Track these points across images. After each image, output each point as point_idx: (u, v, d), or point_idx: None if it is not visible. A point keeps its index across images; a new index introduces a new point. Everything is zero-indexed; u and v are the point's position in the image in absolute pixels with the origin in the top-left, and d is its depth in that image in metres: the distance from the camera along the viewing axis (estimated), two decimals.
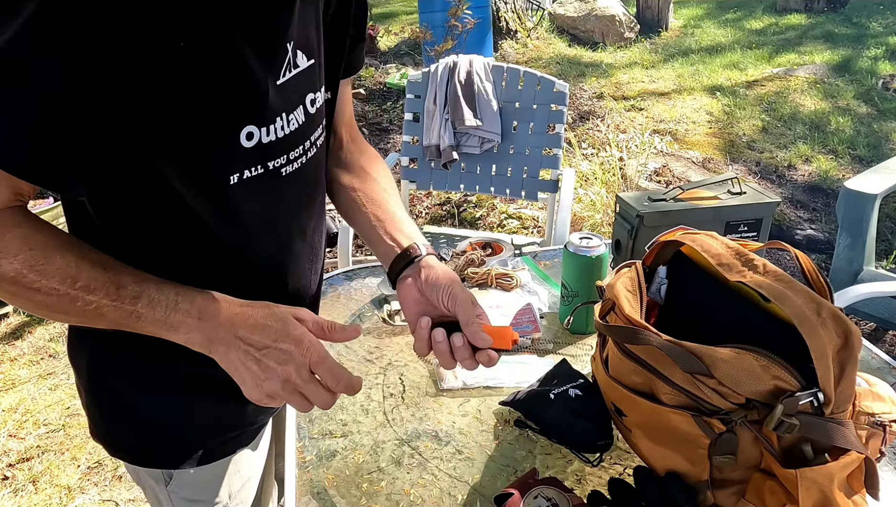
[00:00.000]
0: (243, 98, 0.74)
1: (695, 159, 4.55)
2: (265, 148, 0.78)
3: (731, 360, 0.74)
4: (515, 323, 1.25)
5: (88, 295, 0.69)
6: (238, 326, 0.73)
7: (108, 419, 0.95)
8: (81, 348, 0.93)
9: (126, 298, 0.70)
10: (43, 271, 0.68)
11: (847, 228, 2.45)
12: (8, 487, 2.22)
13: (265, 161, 0.79)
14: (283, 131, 0.80)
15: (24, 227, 0.69)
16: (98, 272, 0.70)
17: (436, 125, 2.71)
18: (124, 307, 0.71)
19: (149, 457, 0.97)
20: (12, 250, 0.67)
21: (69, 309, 0.70)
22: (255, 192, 0.80)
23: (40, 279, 0.68)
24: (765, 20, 8.12)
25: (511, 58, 6.57)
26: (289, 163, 0.83)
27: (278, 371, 0.72)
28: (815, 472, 0.72)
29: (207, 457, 0.97)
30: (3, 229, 0.67)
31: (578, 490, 0.90)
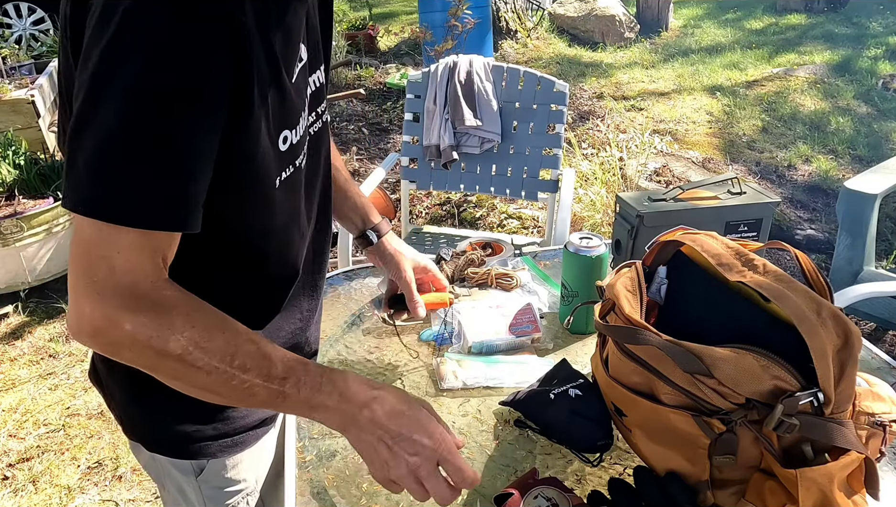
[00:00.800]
0: (282, 104, 0.75)
1: (695, 159, 4.55)
2: (294, 148, 0.81)
3: (731, 360, 0.74)
4: (516, 323, 1.25)
5: (244, 374, 0.70)
6: (375, 411, 0.75)
7: (145, 413, 0.95)
8: None
9: (275, 378, 0.72)
10: (206, 348, 0.68)
11: (847, 228, 2.45)
12: (8, 487, 2.22)
13: (293, 160, 0.82)
14: (302, 130, 0.83)
15: (185, 304, 0.69)
16: (252, 349, 0.71)
17: (436, 125, 2.71)
18: (272, 387, 0.72)
19: (189, 449, 0.96)
20: (178, 328, 0.67)
21: (223, 388, 0.71)
22: (290, 190, 0.84)
23: (203, 357, 0.68)
24: (765, 20, 8.12)
25: (511, 58, 6.57)
26: (303, 157, 0.87)
27: (408, 461, 0.74)
28: (815, 472, 0.72)
29: (243, 443, 0.98)
30: (167, 306, 0.68)
31: (578, 490, 0.90)
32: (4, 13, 6.28)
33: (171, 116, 0.63)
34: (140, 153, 0.63)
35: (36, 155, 3.61)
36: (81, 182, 0.64)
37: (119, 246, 0.65)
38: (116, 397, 0.97)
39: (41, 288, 3.21)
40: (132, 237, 0.65)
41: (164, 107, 0.62)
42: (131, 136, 0.62)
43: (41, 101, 3.98)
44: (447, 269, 1.42)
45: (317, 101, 0.90)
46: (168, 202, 0.65)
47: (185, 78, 0.62)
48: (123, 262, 0.65)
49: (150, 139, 0.63)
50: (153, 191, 0.64)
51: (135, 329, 0.67)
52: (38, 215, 3.05)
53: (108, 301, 0.66)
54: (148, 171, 0.63)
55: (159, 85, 0.62)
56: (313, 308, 1.04)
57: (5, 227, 2.98)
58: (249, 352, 0.71)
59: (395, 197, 3.79)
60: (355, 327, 1.32)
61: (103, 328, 0.67)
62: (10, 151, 3.41)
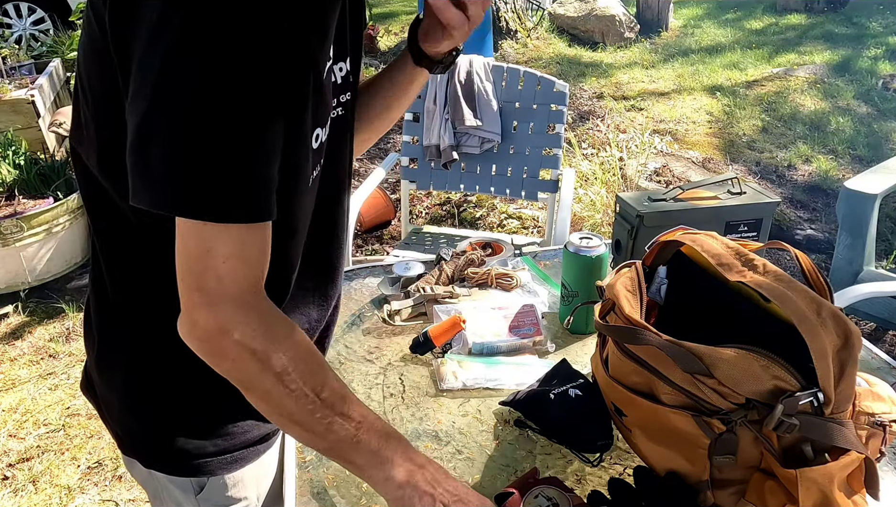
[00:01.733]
0: (320, 102, 0.75)
1: (695, 159, 4.55)
2: (322, 147, 0.80)
3: (731, 360, 0.74)
4: (517, 325, 1.25)
5: (326, 409, 0.71)
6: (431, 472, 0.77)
7: (144, 429, 0.93)
8: (114, 360, 0.91)
9: (353, 419, 0.72)
10: (302, 372, 0.69)
11: (847, 228, 2.45)
12: (8, 487, 2.22)
13: (320, 159, 0.81)
14: (329, 128, 0.82)
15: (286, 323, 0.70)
16: (337, 386, 0.71)
17: (436, 125, 2.71)
18: (349, 429, 0.72)
19: (189, 466, 0.93)
20: (281, 345, 0.68)
21: (306, 420, 0.71)
22: (317, 188, 0.83)
23: (297, 381, 0.69)
24: (765, 20, 8.12)
25: (511, 58, 6.57)
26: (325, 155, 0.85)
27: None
28: (815, 472, 0.72)
29: (244, 460, 0.96)
30: (272, 320, 0.68)
31: (578, 490, 0.90)
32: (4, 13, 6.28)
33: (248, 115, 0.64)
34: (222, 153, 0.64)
35: (36, 155, 3.62)
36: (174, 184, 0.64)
37: (223, 255, 0.66)
38: (114, 411, 0.94)
39: (41, 288, 3.21)
40: (233, 244, 0.66)
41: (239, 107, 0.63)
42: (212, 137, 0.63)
43: (41, 101, 3.98)
44: (447, 269, 1.42)
45: (335, 93, 0.88)
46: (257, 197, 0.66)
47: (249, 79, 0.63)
48: (229, 271, 0.66)
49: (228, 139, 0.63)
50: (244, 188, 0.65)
51: (243, 339, 0.68)
52: (38, 215, 3.05)
53: (220, 311, 0.67)
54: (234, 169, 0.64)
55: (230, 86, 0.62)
56: (322, 319, 1.00)
57: (5, 227, 2.98)
58: (335, 388, 0.71)
59: (395, 197, 3.79)
60: (355, 327, 1.32)
61: (213, 337, 0.68)
62: (10, 151, 3.42)
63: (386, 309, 1.34)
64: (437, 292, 1.33)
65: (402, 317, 1.32)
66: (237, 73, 0.62)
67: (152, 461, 0.95)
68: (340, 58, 0.88)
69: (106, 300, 0.88)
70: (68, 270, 3.26)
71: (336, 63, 0.87)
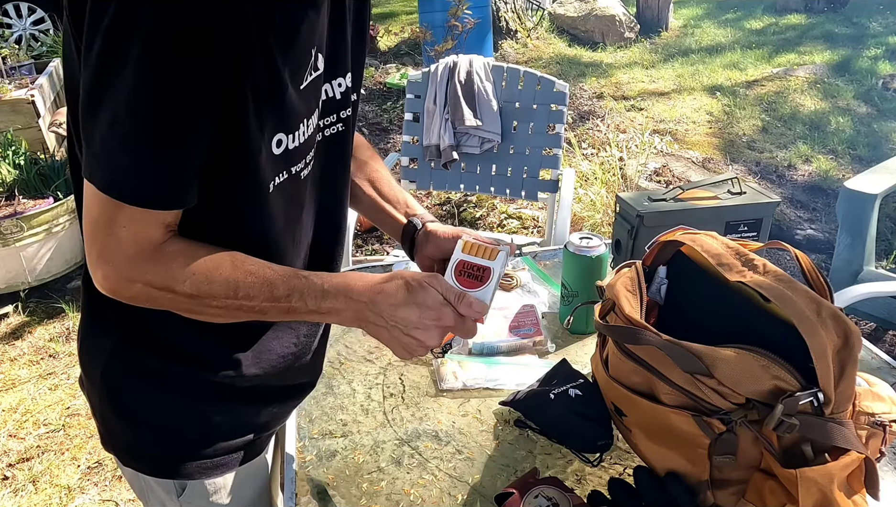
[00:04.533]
0: (276, 105, 0.76)
1: (695, 159, 4.55)
2: (291, 154, 0.82)
3: (731, 360, 0.74)
4: (517, 325, 1.25)
5: (250, 302, 0.78)
6: (381, 306, 0.81)
7: (124, 427, 0.94)
8: (97, 352, 0.92)
9: (280, 298, 0.79)
10: (208, 291, 0.76)
11: (847, 228, 2.45)
12: (8, 487, 2.22)
13: (289, 166, 0.83)
14: (304, 137, 0.83)
15: (183, 255, 0.76)
16: (251, 281, 0.78)
17: (436, 125, 2.71)
18: (280, 305, 0.79)
19: (166, 467, 0.94)
20: (179, 278, 0.75)
21: (238, 314, 0.80)
22: (284, 197, 0.84)
23: (209, 296, 0.77)
24: (764, 20, 8.12)
25: (511, 58, 6.57)
26: (305, 166, 0.86)
27: (422, 341, 0.83)
28: (815, 472, 0.72)
29: (224, 466, 0.96)
30: (168, 260, 0.75)
31: (578, 490, 0.90)
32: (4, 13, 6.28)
33: (168, 101, 0.67)
34: (139, 136, 0.68)
35: (36, 155, 3.61)
36: (96, 158, 0.70)
37: (123, 221, 0.71)
38: (98, 410, 0.95)
39: (41, 288, 3.20)
40: (134, 213, 0.71)
41: (160, 93, 0.66)
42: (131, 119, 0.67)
43: (41, 101, 3.98)
44: None
45: (330, 108, 0.89)
46: (164, 185, 0.71)
47: (180, 67, 0.66)
48: (129, 234, 0.72)
49: (148, 123, 0.67)
50: (151, 172, 0.70)
51: (145, 285, 0.75)
52: (38, 215, 3.05)
53: (118, 267, 0.74)
54: (147, 153, 0.69)
55: (157, 73, 0.65)
56: (313, 334, 1.00)
57: (5, 227, 2.98)
58: (249, 282, 0.77)
59: None
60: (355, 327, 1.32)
61: (118, 290, 0.76)
62: (10, 151, 3.41)
63: None
64: None
65: None
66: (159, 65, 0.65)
67: (130, 459, 0.96)
68: (339, 73, 0.89)
69: (89, 294, 0.90)
70: (68, 270, 3.26)
71: (334, 78, 0.88)
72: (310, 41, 0.79)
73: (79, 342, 0.95)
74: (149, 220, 0.73)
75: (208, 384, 0.91)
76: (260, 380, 0.94)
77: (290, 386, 1.01)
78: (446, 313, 0.82)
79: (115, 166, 0.69)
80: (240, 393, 0.93)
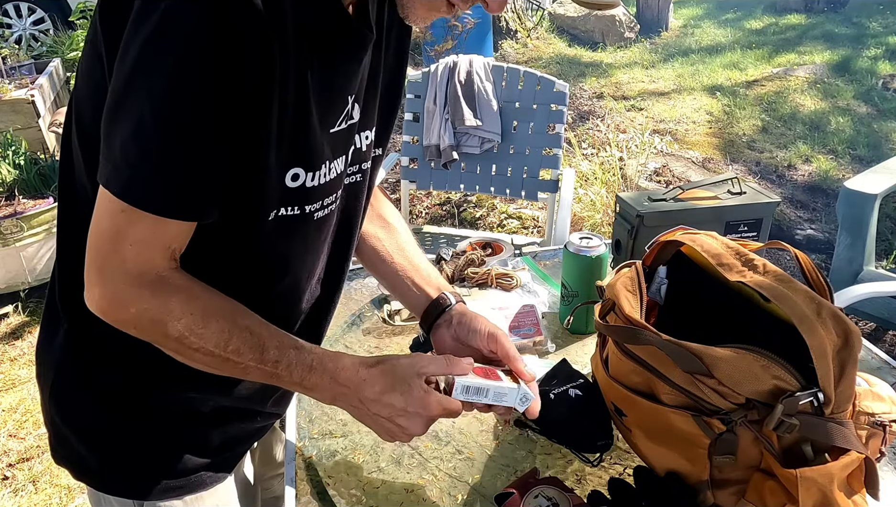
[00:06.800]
0: (299, 141, 0.76)
1: (695, 159, 4.55)
2: (307, 191, 0.80)
3: (731, 360, 0.74)
4: (517, 325, 1.25)
5: (238, 358, 0.76)
6: (366, 393, 0.80)
7: (74, 441, 0.90)
8: (48, 364, 0.89)
9: (269, 362, 0.77)
10: (201, 335, 0.74)
11: (847, 228, 2.45)
12: (8, 487, 2.22)
13: (303, 204, 0.81)
14: (326, 178, 0.82)
15: (184, 292, 0.74)
16: (245, 337, 0.76)
17: (436, 125, 2.71)
18: (266, 369, 0.78)
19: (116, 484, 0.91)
20: (176, 314, 0.73)
21: (221, 368, 0.77)
22: (286, 231, 0.81)
23: (198, 342, 0.74)
24: (764, 20, 8.12)
25: (511, 58, 6.57)
26: (322, 208, 0.84)
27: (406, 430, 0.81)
28: (815, 472, 0.72)
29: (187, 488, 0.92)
30: (169, 293, 0.72)
31: (578, 490, 0.90)
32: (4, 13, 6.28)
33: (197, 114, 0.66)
34: (166, 146, 0.66)
35: (36, 155, 3.61)
36: (115, 164, 0.67)
37: (132, 238, 0.69)
38: (48, 421, 0.91)
39: (41, 288, 3.20)
40: (145, 229, 0.69)
41: (191, 105, 0.65)
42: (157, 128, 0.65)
43: (41, 101, 3.98)
44: (447, 269, 1.42)
45: (356, 159, 0.89)
46: (183, 194, 0.69)
47: (214, 84, 0.65)
48: (134, 254, 0.70)
49: (176, 134, 0.66)
50: (173, 181, 0.68)
51: (138, 313, 0.72)
52: (38, 215, 3.05)
53: (116, 287, 0.71)
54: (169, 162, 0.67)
55: (190, 86, 0.65)
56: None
57: (5, 227, 2.98)
58: (243, 338, 0.76)
59: (395, 197, 3.79)
60: (355, 327, 1.32)
61: (110, 310, 0.73)
62: (10, 151, 3.41)
63: (386, 309, 1.34)
64: None
65: (402, 317, 1.32)
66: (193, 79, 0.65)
67: (80, 473, 0.92)
68: (367, 126, 0.89)
69: (50, 304, 0.89)
70: None
71: (363, 131, 0.88)
72: (347, 89, 0.80)
73: (35, 352, 0.92)
74: (157, 240, 0.70)
75: (163, 403, 0.88)
76: (219, 403, 0.91)
77: (255, 412, 0.98)
78: (432, 404, 0.80)
79: (135, 172, 0.67)
80: (199, 415, 0.90)
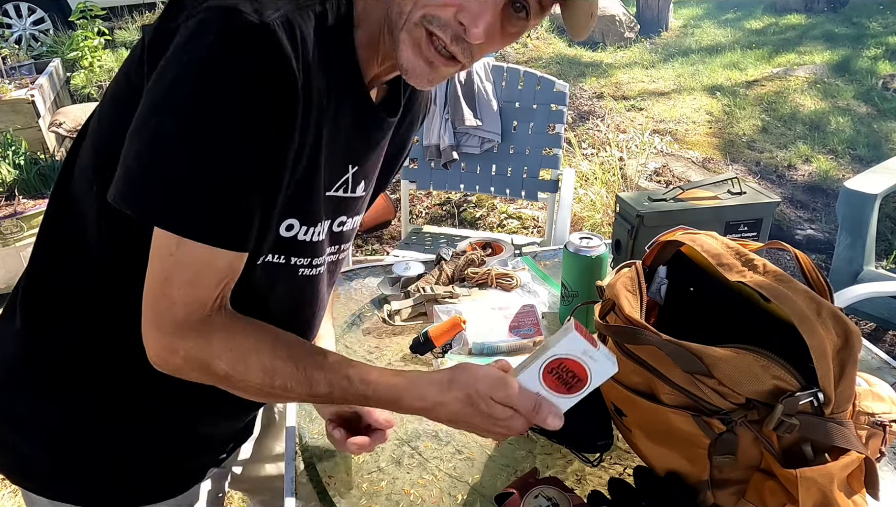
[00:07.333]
0: (303, 193, 0.77)
1: (695, 159, 4.55)
2: (299, 245, 0.82)
3: (731, 360, 0.74)
4: (517, 325, 1.25)
5: (285, 392, 0.76)
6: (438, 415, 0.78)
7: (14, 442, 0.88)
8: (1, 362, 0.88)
9: (320, 394, 0.77)
10: (243, 372, 0.74)
11: (847, 228, 2.45)
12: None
13: (290, 255, 0.82)
14: (318, 236, 0.83)
15: (226, 330, 0.74)
16: (290, 372, 0.75)
17: (436, 125, 2.71)
18: (319, 398, 0.78)
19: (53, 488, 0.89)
20: (217, 352, 0.73)
21: (271, 399, 0.81)
22: (272, 279, 0.82)
23: (243, 380, 0.74)
24: (764, 20, 8.12)
25: (511, 58, 6.56)
26: (308, 267, 0.86)
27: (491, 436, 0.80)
28: (815, 472, 0.72)
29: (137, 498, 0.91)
30: (211, 333, 0.73)
31: (578, 490, 0.90)
32: (4, 13, 6.28)
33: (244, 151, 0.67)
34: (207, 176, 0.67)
35: (36, 155, 3.61)
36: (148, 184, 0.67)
37: (180, 282, 0.70)
38: None
39: None
40: (193, 268, 0.69)
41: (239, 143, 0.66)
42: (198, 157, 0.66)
43: (41, 101, 3.98)
44: (447, 269, 1.42)
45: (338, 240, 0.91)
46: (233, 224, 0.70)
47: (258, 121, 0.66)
48: (182, 296, 0.71)
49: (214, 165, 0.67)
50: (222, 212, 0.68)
51: (186, 356, 0.73)
52: (38, 215, 3.05)
53: (164, 333, 0.72)
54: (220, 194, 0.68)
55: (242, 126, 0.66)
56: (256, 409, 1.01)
57: (5, 227, 2.98)
58: (288, 373, 0.75)
59: (395, 197, 3.79)
60: (355, 327, 1.32)
61: (164, 358, 0.74)
62: (10, 151, 3.41)
63: (386, 309, 1.34)
64: (437, 292, 1.33)
65: (402, 317, 1.32)
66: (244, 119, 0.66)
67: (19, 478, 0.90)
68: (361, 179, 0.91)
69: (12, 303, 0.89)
70: None
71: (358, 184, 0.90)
72: (351, 158, 0.84)
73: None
74: (204, 279, 0.71)
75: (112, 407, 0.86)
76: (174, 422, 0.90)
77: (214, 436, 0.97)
78: (516, 423, 0.76)
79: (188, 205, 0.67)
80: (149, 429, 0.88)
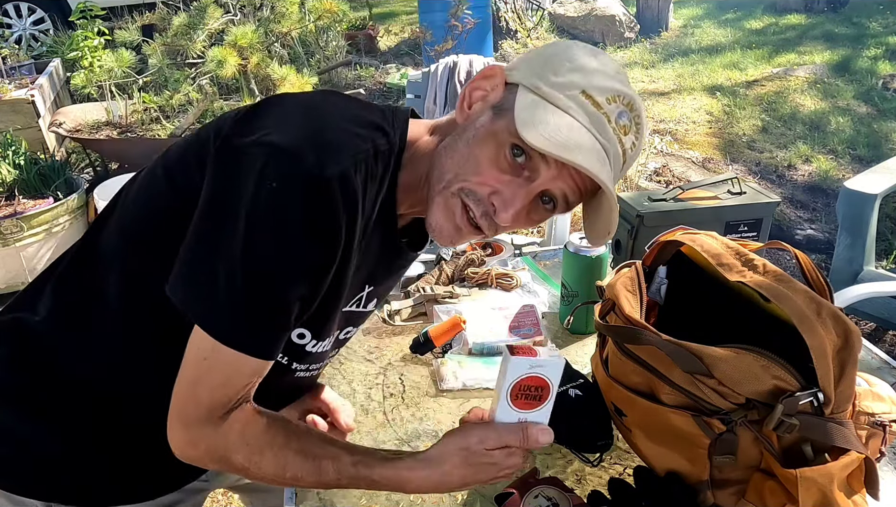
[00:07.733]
0: (325, 309, 0.81)
1: (695, 159, 4.55)
2: (305, 353, 0.86)
3: (731, 360, 0.74)
4: (517, 325, 1.25)
5: (296, 482, 0.80)
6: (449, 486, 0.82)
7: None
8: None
9: (330, 482, 0.81)
10: (258, 464, 0.78)
11: (847, 228, 2.44)
12: None
13: (293, 360, 0.87)
14: (325, 348, 0.88)
15: (241, 422, 0.78)
16: (300, 463, 0.79)
17: None
18: (328, 484, 0.82)
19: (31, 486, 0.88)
20: (234, 446, 0.78)
21: (284, 485, 0.85)
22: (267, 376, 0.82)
23: (259, 472, 0.79)
24: (764, 20, 8.11)
25: (511, 57, 6.56)
26: (305, 371, 0.91)
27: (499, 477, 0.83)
28: (815, 472, 0.72)
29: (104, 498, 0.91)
30: (229, 426, 0.77)
31: (578, 490, 0.90)
32: (4, 13, 6.28)
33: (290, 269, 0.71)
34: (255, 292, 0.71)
35: (36, 155, 3.61)
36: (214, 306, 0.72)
37: (209, 384, 0.74)
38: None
39: None
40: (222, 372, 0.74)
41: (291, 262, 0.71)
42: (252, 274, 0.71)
43: (41, 101, 3.98)
44: (447, 269, 1.42)
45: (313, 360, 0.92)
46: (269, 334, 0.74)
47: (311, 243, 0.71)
48: (207, 396, 0.75)
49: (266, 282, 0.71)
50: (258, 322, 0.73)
51: (206, 449, 0.78)
52: (37, 215, 3.05)
53: (189, 428, 0.77)
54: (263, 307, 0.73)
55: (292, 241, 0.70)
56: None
57: (5, 227, 2.98)
58: (298, 465, 0.79)
59: None
60: None
61: (186, 452, 0.78)
62: (10, 151, 3.41)
63: (386, 309, 1.34)
64: (437, 292, 1.33)
65: (402, 317, 1.32)
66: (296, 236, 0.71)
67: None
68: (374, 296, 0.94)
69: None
70: None
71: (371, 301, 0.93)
72: (370, 279, 0.88)
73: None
74: (231, 382, 0.75)
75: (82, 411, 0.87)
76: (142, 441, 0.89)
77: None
78: (514, 459, 0.81)
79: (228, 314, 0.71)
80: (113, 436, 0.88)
